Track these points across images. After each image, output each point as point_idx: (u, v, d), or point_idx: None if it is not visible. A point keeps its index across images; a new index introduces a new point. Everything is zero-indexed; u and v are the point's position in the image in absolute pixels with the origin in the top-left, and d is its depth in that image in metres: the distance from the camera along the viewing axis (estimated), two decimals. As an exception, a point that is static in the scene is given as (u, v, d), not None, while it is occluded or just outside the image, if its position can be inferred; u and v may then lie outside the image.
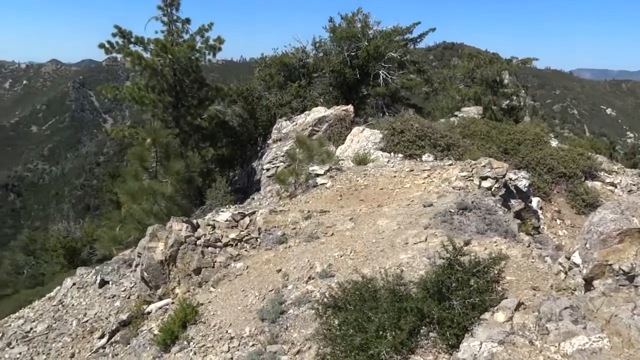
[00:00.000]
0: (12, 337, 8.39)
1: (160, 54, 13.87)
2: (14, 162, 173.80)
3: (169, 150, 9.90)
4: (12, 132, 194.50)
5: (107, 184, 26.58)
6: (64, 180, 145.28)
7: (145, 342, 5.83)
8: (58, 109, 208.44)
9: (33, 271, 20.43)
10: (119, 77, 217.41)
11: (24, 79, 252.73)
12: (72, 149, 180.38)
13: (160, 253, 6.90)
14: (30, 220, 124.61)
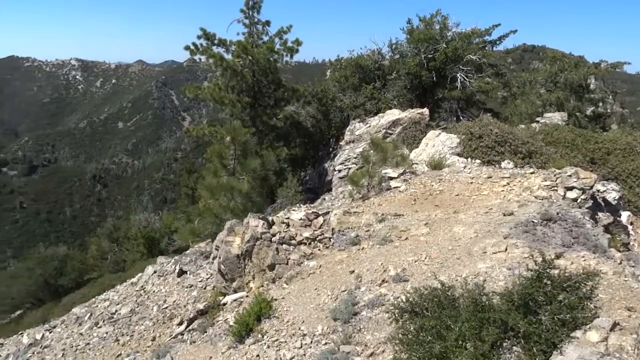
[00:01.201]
0: (99, 317, 9.04)
1: (240, 55, 14.37)
2: (102, 155, 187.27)
3: (246, 148, 10.22)
4: (101, 128, 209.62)
5: (183, 178, 27.91)
6: (145, 173, 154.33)
7: (220, 332, 6.05)
8: (142, 106, 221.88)
9: (116, 257, 21.78)
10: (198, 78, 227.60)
11: (113, 78, 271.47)
12: (153, 144, 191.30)
13: (237, 247, 7.14)
14: (113, 210, 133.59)
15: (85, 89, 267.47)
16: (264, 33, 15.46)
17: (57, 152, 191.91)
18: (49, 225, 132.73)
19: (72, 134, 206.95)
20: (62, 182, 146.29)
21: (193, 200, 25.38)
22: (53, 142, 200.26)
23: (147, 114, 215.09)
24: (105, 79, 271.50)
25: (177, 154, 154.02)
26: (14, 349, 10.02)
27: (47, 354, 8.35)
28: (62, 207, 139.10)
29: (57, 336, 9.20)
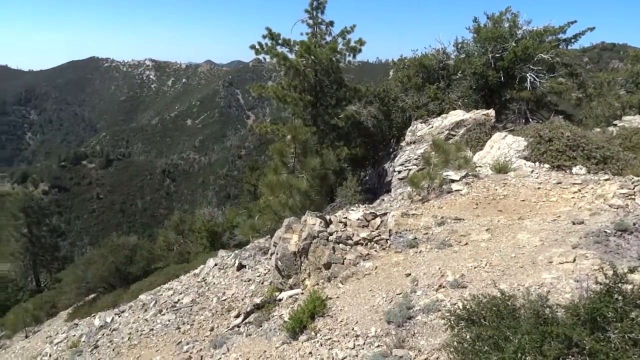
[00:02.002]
0: (163, 305, 9.48)
1: (303, 55, 14.53)
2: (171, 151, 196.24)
3: (307, 147, 10.32)
4: (171, 125, 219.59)
5: (246, 175, 28.61)
6: (210, 169, 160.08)
7: (275, 327, 6.15)
8: (209, 105, 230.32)
9: (181, 249, 22.69)
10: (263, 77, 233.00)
11: (183, 78, 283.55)
12: (218, 141, 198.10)
13: (294, 245, 7.23)
14: (180, 203, 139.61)
15: (158, 88, 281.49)
16: (327, 33, 15.55)
17: (131, 147, 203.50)
18: (122, 215, 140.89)
19: (144, 130, 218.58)
20: (135, 175, 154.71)
21: (254, 196, 25.96)
22: (127, 138, 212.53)
23: (214, 112, 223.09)
24: (176, 79, 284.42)
25: (241, 151, 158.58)
26: (87, 329, 10.74)
27: (114, 336, 8.86)
28: (134, 199, 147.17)
29: (125, 320, 9.76)
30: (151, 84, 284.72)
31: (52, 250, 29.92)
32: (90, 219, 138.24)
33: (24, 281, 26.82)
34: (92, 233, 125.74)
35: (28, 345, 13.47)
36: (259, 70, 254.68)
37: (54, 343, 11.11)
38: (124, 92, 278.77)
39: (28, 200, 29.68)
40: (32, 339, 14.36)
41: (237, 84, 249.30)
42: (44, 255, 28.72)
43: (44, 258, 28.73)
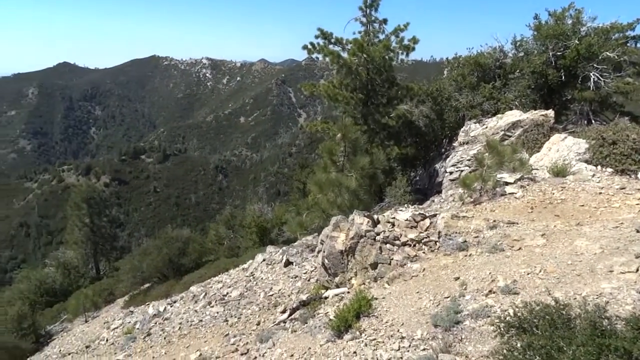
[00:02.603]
0: (212, 297, 9.74)
1: (356, 53, 14.48)
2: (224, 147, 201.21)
3: (356, 145, 10.28)
4: (225, 122, 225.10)
5: (296, 173, 28.85)
6: (261, 166, 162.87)
7: (320, 325, 6.18)
8: (262, 103, 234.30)
9: (231, 243, 23.18)
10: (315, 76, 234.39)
11: (238, 76, 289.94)
12: (270, 139, 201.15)
13: (341, 243, 7.22)
14: (232, 199, 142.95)
15: (213, 86, 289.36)
16: (380, 31, 15.42)
17: (187, 142, 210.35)
18: (177, 209, 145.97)
19: (200, 127, 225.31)
20: (190, 170, 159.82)
21: (304, 194, 26.12)
22: (184, 134, 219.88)
23: (267, 110, 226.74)
24: (231, 77, 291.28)
25: (292, 149, 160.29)
26: (141, 317, 11.19)
27: (166, 325, 9.20)
28: (188, 193, 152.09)
29: (176, 310, 10.10)
30: (207, 82, 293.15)
31: (112, 240, 31.36)
32: (147, 212, 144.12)
33: (85, 268, 28.26)
34: (148, 225, 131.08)
35: (87, 329, 14.17)
36: (312, 69, 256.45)
37: (111, 328, 11.64)
38: (181, 89, 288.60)
39: (91, 192, 31.32)
40: (91, 324, 15.09)
41: (289, 83, 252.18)
42: (103, 245, 30.16)
43: (103, 247, 30.17)
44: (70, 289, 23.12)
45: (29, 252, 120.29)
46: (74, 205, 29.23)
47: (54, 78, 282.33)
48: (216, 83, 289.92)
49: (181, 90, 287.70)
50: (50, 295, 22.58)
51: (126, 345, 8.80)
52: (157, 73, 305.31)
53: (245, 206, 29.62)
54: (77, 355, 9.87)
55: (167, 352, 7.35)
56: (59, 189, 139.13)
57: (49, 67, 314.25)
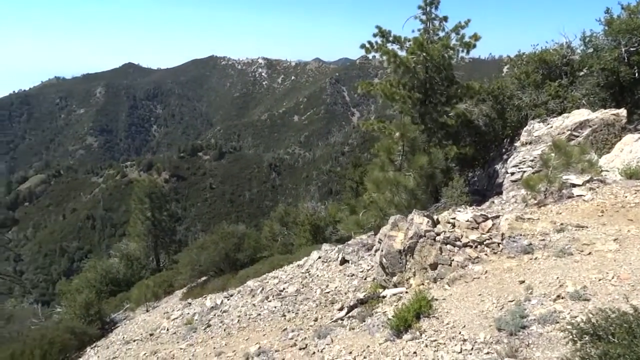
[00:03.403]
0: (269, 292, 9.92)
1: (415, 51, 14.25)
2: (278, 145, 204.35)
3: (415, 145, 10.16)
4: (279, 121, 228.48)
5: (349, 172, 28.80)
6: (314, 165, 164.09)
7: (379, 323, 6.16)
8: (315, 102, 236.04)
9: (285, 240, 23.47)
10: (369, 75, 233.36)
11: (292, 75, 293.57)
12: (323, 138, 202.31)
13: (400, 243, 7.16)
14: (284, 196, 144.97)
15: (269, 85, 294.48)
16: (440, 29, 15.08)
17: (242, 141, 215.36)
18: (231, 205, 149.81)
19: (254, 125, 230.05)
20: (244, 168, 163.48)
21: (357, 193, 26.05)
22: (239, 132, 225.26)
23: (320, 109, 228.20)
24: (285, 76, 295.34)
25: (345, 148, 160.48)
26: (199, 309, 11.57)
27: (225, 317, 9.46)
28: (242, 190, 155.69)
29: (234, 304, 10.36)
30: (262, 81, 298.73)
31: (171, 233, 32.56)
32: (203, 207, 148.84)
33: (146, 260, 29.49)
34: (204, 220, 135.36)
35: (148, 318, 14.74)
36: (366, 68, 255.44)
37: (171, 319, 12.08)
38: (237, 88, 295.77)
39: (152, 187, 32.64)
40: (152, 313, 15.69)
41: (343, 82, 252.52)
42: (163, 238, 31.35)
43: (163, 240, 31.36)
44: (133, 279, 24.16)
45: (95, 243, 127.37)
46: (137, 200, 30.59)
47: (119, 78, 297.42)
48: (271, 82, 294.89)
49: (237, 90, 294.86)
50: (115, 284, 23.69)
51: (188, 335, 9.13)
52: (215, 73, 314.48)
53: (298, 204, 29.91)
54: (141, 342, 10.34)
55: (227, 343, 7.56)
56: (122, 183, 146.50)
57: (116, 68, 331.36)
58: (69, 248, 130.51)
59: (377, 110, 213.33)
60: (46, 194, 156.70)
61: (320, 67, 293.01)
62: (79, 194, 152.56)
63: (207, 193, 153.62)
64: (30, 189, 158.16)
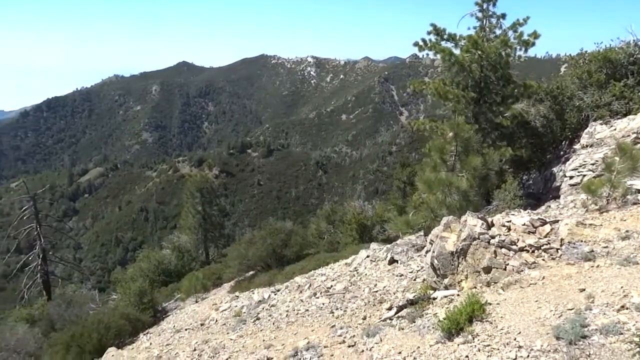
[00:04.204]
0: (317, 288, 9.99)
1: (470, 49, 13.91)
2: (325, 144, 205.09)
3: (468, 145, 9.93)
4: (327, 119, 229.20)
5: (396, 172, 28.52)
6: (361, 164, 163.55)
7: (429, 325, 6.08)
8: (364, 100, 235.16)
9: (331, 238, 23.56)
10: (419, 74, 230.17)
11: (341, 74, 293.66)
12: (370, 137, 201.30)
13: (452, 244, 7.03)
14: (330, 195, 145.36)
15: (317, 84, 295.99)
16: (497, 26, 14.62)
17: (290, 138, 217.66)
18: (278, 202, 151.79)
19: (302, 124, 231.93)
20: (291, 165, 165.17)
21: (404, 193, 25.76)
22: (287, 130, 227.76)
23: (368, 108, 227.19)
24: (334, 75, 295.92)
25: (392, 147, 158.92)
26: (247, 302, 11.81)
27: (273, 311, 9.61)
28: (289, 187, 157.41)
29: (282, 298, 10.51)
30: (311, 80, 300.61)
31: (220, 228, 33.39)
32: (251, 203, 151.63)
33: (196, 253, 30.38)
34: (251, 216, 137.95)
35: (197, 309, 15.17)
36: (416, 67, 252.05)
37: (220, 310, 12.39)
38: (286, 87, 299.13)
39: (203, 182, 33.60)
40: (201, 304, 16.13)
41: (392, 80, 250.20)
42: (213, 232, 32.20)
43: (213, 234, 32.21)
44: (183, 270, 24.92)
45: (147, 235, 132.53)
46: (189, 194, 31.57)
47: (174, 76, 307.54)
48: (320, 81, 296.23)
49: (286, 88, 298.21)
50: (166, 275, 24.53)
51: (237, 326, 9.35)
52: (265, 71, 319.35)
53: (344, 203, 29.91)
54: (193, 331, 10.67)
55: (276, 337, 7.68)
56: (175, 178, 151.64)
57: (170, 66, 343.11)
58: (124, 238, 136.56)
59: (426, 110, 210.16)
60: (104, 186, 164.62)
61: (369, 66, 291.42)
62: (134, 187, 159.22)
63: (255, 189, 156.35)
64: (90, 181, 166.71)
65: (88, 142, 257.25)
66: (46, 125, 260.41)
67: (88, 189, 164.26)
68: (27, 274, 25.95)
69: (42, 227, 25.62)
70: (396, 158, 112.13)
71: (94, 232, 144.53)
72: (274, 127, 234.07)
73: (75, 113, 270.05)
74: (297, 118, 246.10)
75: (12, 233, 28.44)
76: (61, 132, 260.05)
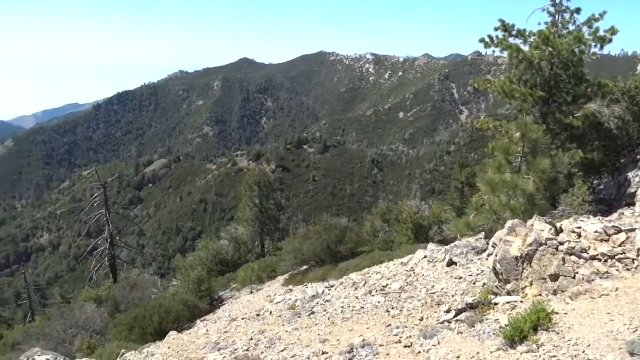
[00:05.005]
0: (372, 286, 9.94)
1: (539, 46, 13.28)
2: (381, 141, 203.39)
3: (536, 146, 9.50)
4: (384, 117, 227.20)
5: (454, 172, 27.80)
6: (417, 163, 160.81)
7: (490, 330, 5.89)
8: (422, 98, 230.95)
9: (386, 236, 23.33)
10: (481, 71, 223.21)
11: (400, 71, 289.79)
12: (428, 135, 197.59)
13: (517, 249, 6.77)
14: (385, 193, 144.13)
15: (375, 81, 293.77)
16: (570, 22, 13.88)
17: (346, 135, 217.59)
18: (332, 198, 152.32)
19: (359, 121, 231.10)
20: (347, 162, 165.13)
21: (462, 194, 25.06)
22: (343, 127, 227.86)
23: (426, 106, 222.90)
24: (393, 72, 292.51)
25: (451, 146, 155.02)
26: (301, 295, 11.93)
27: (328, 306, 9.65)
28: (344, 184, 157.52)
29: (336, 294, 10.53)
30: (369, 77, 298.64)
31: (275, 221, 33.91)
32: (305, 198, 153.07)
33: (252, 245, 31.06)
34: (305, 211, 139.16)
35: (252, 299, 15.51)
36: (478, 64, 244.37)
37: (274, 302, 12.60)
38: (344, 83, 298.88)
39: (261, 176, 34.26)
40: (256, 295, 16.47)
41: (452, 78, 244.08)
42: (269, 225, 32.76)
43: (268, 227, 32.78)
44: (239, 261, 25.52)
45: (205, 225, 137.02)
46: (247, 187, 32.28)
47: (235, 72, 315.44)
48: (378, 78, 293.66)
49: (344, 85, 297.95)
50: (223, 264, 25.22)
51: (292, 319, 9.47)
52: (323, 68, 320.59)
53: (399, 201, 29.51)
54: (249, 320, 10.93)
55: (331, 332, 7.72)
56: (233, 171, 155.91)
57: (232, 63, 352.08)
58: (183, 227, 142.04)
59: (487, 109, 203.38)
60: (167, 177, 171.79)
61: (429, 63, 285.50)
62: (194, 178, 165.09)
63: (310, 185, 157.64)
64: (154, 171, 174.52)
65: (153, 135, 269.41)
66: (116, 117, 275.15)
67: (152, 179, 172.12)
68: (95, 256, 27.60)
69: (110, 214, 27.10)
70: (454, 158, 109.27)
71: (156, 220, 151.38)
72: (331, 123, 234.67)
73: (142, 106, 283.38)
74: (353, 115, 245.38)
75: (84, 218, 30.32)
76: (129, 125, 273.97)
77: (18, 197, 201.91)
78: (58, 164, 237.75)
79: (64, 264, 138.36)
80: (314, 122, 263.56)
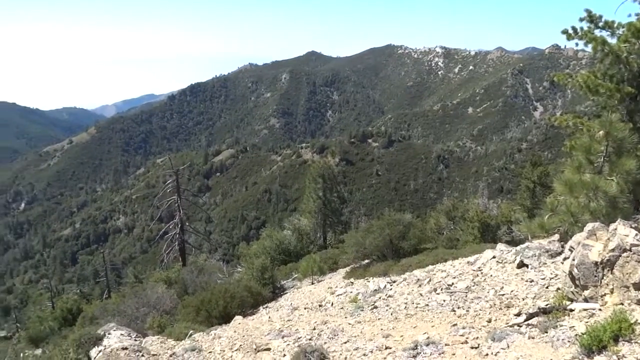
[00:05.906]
0: (437, 284, 9.76)
1: (628, 39, 12.33)
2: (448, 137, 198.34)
3: (622, 146, 8.86)
4: (452, 112, 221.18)
5: (526, 170, 26.58)
6: (485, 160, 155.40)
7: (564, 337, 5.61)
8: (494, 93, 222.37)
9: (450, 234, 22.82)
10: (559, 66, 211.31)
11: (471, 65, 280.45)
12: (498, 132, 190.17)
13: (597, 254, 6.38)
14: (450, 190, 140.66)
15: (444, 75, 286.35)
16: (664, 13, 12.79)
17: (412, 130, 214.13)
18: (395, 193, 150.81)
19: (425, 115, 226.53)
20: (411, 157, 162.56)
21: (533, 194, 23.95)
22: (409, 121, 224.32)
23: (498, 102, 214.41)
24: (463, 66, 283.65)
25: (522, 144, 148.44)
26: (363, 289, 11.94)
27: (391, 302, 9.60)
28: (407, 179, 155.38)
29: (399, 290, 10.45)
30: (438, 71, 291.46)
31: (338, 214, 34.09)
32: (368, 193, 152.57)
33: (314, 236, 31.44)
34: (367, 205, 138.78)
35: (314, 290, 15.71)
36: (555, 58, 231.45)
37: (335, 294, 12.69)
38: (412, 77, 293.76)
39: (325, 169, 34.53)
40: (317, 286, 16.66)
41: (527, 73, 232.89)
42: (331, 217, 33.00)
43: (331, 219, 33.01)
44: (302, 252, 25.94)
45: (269, 215, 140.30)
46: (311, 179, 32.68)
47: (302, 65, 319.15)
48: (447, 72, 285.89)
49: (412, 79, 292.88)
50: (286, 254, 25.75)
51: (355, 312, 9.51)
52: (390, 61, 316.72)
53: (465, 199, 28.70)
54: (311, 311, 11.10)
55: (395, 327, 7.66)
56: (297, 163, 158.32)
57: (300, 56, 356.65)
58: (248, 216, 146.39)
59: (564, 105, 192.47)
60: (234, 166, 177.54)
61: (502, 57, 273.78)
62: (260, 169, 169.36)
63: (373, 179, 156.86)
64: (222, 161, 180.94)
65: (223, 125, 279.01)
66: (188, 108, 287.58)
67: (220, 168, 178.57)
68: (166, 240, 29.10)
69: (181, 200, 28.43)
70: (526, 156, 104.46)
71: (223, 208, 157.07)
72: (396, 117, 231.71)
73: (213, 98, 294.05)
74: (420, 109, 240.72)
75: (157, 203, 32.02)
76: (200, 115, 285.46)
77: (99, 182, 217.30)
78: (135, 151, 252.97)
79: (138, 246, 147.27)
80: (379, 116, 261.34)
